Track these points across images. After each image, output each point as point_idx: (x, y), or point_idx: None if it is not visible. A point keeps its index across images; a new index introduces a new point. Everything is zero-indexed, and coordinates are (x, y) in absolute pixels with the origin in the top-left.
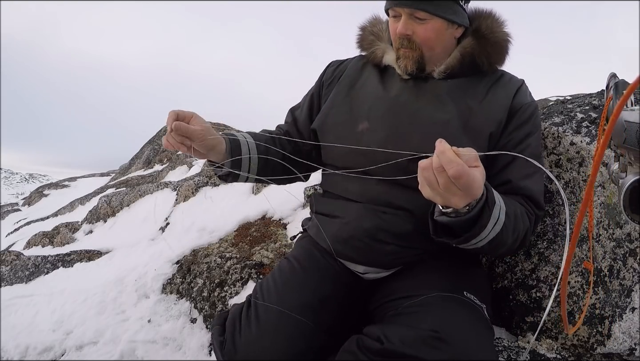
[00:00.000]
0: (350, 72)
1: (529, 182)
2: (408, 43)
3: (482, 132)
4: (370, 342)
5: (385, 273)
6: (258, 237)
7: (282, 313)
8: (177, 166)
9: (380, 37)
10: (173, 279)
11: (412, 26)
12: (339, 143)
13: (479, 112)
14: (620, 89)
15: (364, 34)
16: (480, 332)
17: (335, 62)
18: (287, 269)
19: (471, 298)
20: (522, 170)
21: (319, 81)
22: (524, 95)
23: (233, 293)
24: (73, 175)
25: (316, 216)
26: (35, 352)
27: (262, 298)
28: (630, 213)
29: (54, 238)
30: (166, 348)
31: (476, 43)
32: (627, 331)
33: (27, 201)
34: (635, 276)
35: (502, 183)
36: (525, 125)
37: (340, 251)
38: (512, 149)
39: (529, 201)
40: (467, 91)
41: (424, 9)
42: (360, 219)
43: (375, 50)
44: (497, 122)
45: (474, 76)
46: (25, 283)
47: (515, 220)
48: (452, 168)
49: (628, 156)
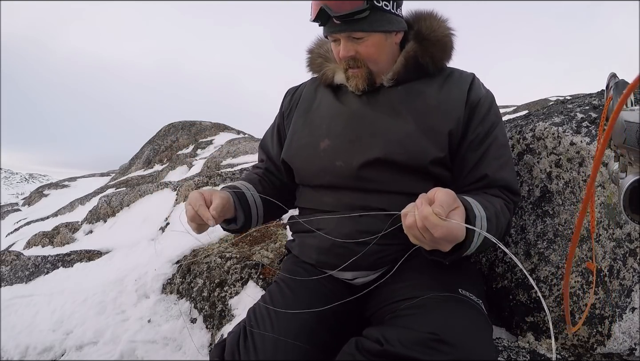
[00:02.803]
0: (306, 96)
1: (503, 173)
2: (354, 62)
3: (441, 131)
4: (370, 344)
5: (373, 275)
6: (258, 237)
7: (278, 340)
8: (177, 166)
9: (327, 59)
10: (173, 279)
11: (352, 47)
12: (305, 164)
13: (435, 112)
14: (620, 88)
15: (312, 57)
16: (480, 331)
17: (291, 90)
18: (278, 293)
19: (467, 295)
20: (495, 162)
21: (280, 113)
22: (478, 88)
23: (233, 293)
24: (73, 175)
25: (297, 235)
26: (35, 352)
27: (257, 325)
28: (630, 213)
29: (54, 238)
30: (166, 348)
31: (418, 46)
32: (627, 331)
33: (27, 201)
34: (635, 276)
35: (479, 179)
36: (487, 117)
37: (325, 262)
38: (480, 144)
39: (505, 191)
40: (420, 94)
41: (360, 29)
42: (338, 226)
43: (326, 72)
44: (456, 120)
45: (423, 78)
46: (25, 283)
47: (497, 220)
48: (437, 231)
49: (628, 156)
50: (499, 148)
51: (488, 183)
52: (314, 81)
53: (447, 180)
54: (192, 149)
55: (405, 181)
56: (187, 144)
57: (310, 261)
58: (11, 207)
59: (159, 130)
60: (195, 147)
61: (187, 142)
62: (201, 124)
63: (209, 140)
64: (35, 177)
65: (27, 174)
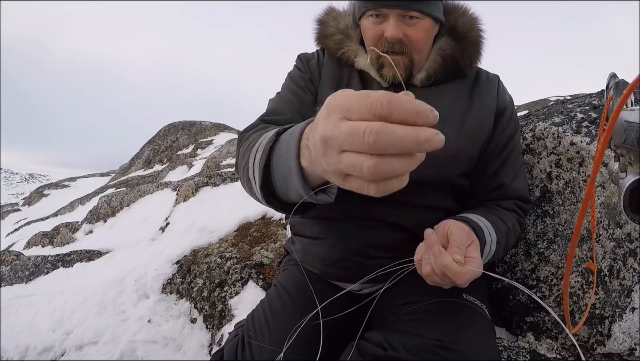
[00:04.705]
0: (329, 72)
1: (518, 183)
2: (400, 46)
3: (477, 140)
4: (373, 348)
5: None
6: (258, 237)
7: (275, 352)
8: (177, 166)
9: (349, 36)
10: (173, 279)
11: (402, 28)
12: None
13: (471, 121)
14: (620, 88)
15: (328, 30)
16: (484, 337)
17: (306, 56)
18: (277, 300)
19: (471, 300)
20: (511, 172)
21: (303, 75)
22: (504, 94)
23: (233, 293)
24: (73, 175)
25: (299, 239)
26: (35, 352)
27: (254, 335)
28: (630, 213)
29: (54, 238)
30: (166, 348)
31: (456, 44)
32: (627, 331)
33: (27, 201)
34: (635, 276)
35: (496, 188)
36: (509, 124)
37: (331, 274)
38: (501, 152)
39: (518, 202)
40: (454, 98)
41: (418, 8)
42: (346, 238)
43: (347, 52)
44: (488, 129)
45: (454, 80)
46: (25, 283)
47: (507, 240)
48: (460, 279)
49: (628, 156)
50: (516, 157)
51: (504, 192)
52: (329, 57)
53: (466, 189)
54: (192, 149)
55: (428, 193)
56: (187, 144)
57: (314, 271)
58: (11, 207)
59: (159, 130)
60: (195, 147)
61: (187, 142)
62: (201, 124)
63: (209, 140)
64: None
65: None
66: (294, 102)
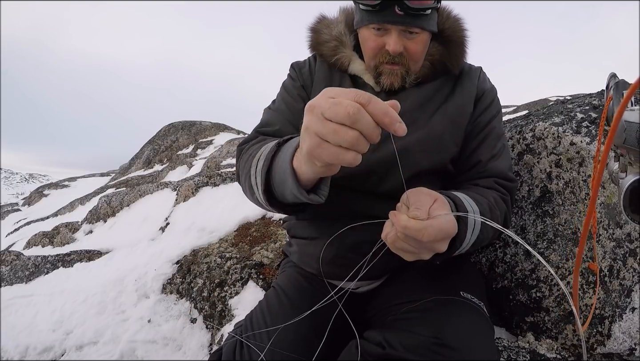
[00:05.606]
0: (321, 78)
1: (497, 162)
2: (400, 58)
3: (459, 125)
4: (372, 347)
5: (377, 283)
6: (258, 237)
7: (273, 352)
8: (177, 166)
9: (343, 43)
10: (173, 279)
11: (402, 42)
12: None
13: (456, 109)
14: (620, 89)
15: (322, 37)
16: (482, 334)
17: (299, 65)
18: (275, 302)
19: (469, 298)
20: (489, 151)
21: (294, 85)
22: (484, 81)
23: (233, 293)
24: (73, 175)
25: (296, 240)
26: (35, 352)
27: (253, 336)
28: (630, 213)
29: (54, 238)
30: (166, 348)
31: (443, 48)
32: (627, 331)
33: (27, 201)
34: (635, 276)
35: (473, 166)
36: (488, 109)
37: (328, 272)
38: (478, 133)
39: (499, 180)
40: (440, 93)
41: (420, 25)
42: (341, 236)
43: (341, 58)
44: (469, 114)
45: (441, 77)
46: (25, 283)
47: (492, 213)
48: (424, 235)
49: (628, 156)
50: (494, 138)
51: (480, 170)
52: (322, 62)
53: (452, 174)
54: (192, 149)
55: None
56: (187, 144)
57: (312, 271)
58: (11, 207)
59: (159, 130)
60: (195, 147)
61: (187, 142)
62: (201, 124)
63: (209, 140)
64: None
65: (27, 174)
66: (286, 112)
